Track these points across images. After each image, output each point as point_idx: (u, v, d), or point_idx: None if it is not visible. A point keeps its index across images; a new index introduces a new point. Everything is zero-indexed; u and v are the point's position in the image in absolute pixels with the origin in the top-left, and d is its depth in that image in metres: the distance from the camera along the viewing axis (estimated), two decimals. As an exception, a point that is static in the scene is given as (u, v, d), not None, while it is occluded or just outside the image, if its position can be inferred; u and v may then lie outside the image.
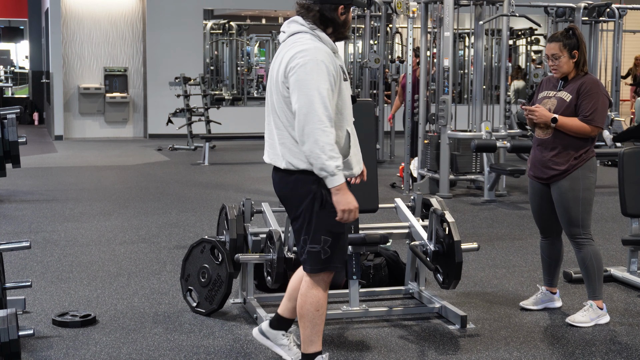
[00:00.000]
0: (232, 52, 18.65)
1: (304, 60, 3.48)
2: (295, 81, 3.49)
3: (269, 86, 3.70)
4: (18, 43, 23.33)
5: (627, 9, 13.16)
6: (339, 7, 3.61)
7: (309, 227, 3.62)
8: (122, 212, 8.27)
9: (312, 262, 3.64)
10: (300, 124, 3.47)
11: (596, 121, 4.60)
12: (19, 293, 4.99)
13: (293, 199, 3.65)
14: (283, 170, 3.64)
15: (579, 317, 4.69)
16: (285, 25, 3.68)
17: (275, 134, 3.65)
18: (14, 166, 4.56)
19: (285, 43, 3.65)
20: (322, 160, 3.45)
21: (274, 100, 3.63)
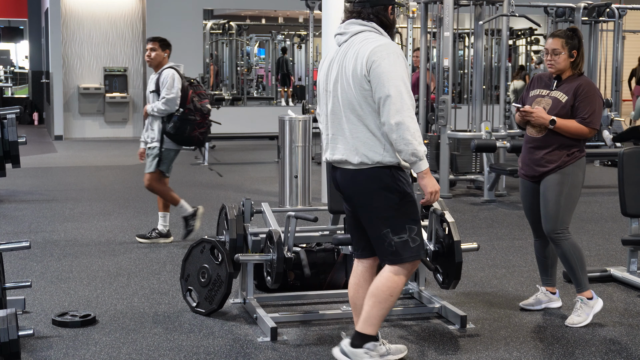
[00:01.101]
0: (232, 52, 18.65)
1: (386, 52, 3.66)
2: (380, 73, 3.63)
3: (335, 86, 3.79)
4: (18, 43, 23.34)
5: (627, 9, 13.16)
6: (389, 7, 3.82)
7: (389, 219, 3.74)
8: (122, 212, 8.27)
9: (405, 251, 3.77)
10: (391, 113, 3.61)
11: (594, 123, 4.65)
12: (19, 293, 4.99)
13: (368, 194, 3.75)
14: (356, 166, 3.74)
15: (576, 319, 4.69)
16: (343, 27, 3.83)
17: (347, 130, 3.75)
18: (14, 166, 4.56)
19: (349, 42, 3.78)
20: (414, 145, 3.63)
21: (351, 96, 3.72)
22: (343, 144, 3.78)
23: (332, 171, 3.91)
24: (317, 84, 3.98)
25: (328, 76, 3.84)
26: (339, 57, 3.81)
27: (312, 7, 12.59)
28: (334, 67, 3.81)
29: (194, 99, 6.59)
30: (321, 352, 4.22)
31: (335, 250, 5.35)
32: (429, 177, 3.75)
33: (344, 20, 3.87)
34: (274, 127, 9.04)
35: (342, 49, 3.81)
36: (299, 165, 8.32)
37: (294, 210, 4.83)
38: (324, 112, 3.90)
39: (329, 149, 3.87)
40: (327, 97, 3.85)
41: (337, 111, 3.79)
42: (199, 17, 16.92)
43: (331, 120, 3.83)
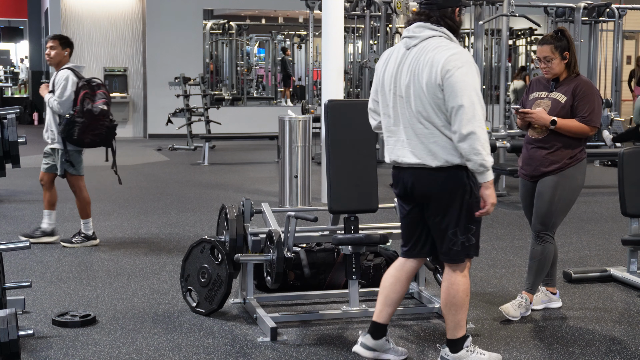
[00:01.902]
0: (232, 52, 18.65)
1: (461, 62, 3.71)
2: (454, 83, 3.68)
3: (408, 91, 3.81)
4: (18, 43, 23.34)
5: (627, 9, 13.16)
6: (456, 9, 3.88)
7: (459, 219, 3.83)
8: (122, 212, 8.27)
9: (468, 250, 3.88)
10: (463, 123, 3.66)
11: (594, 121, 4.67)
12: (19, 293, 4.99)
13: (444, 194, 3.82)
14: (434, 168, 3.79)
15: (512, 311, 4.77)
16: (412, 30, 3.85)
17: (422, 135, 3.79)
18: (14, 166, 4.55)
19: (421, 48, 3.81)
20: (482, 156, 3.68)
21: (426, 103, 3.75)
22: (418, 148, 3.81)
23: (398, 172, 3.95)
24: (378, 84, 3.98)
25: (397, 79, 3.85)
26: (410, 61, 3.82)
27: (312, 7, 12.59)
28: (404, 71, 3.83)
29: (85, 101, 6.50)
30: (321, 352, 4.22)
31: (335, 250, 5.35)
32: (492, 189, 3.82)
33: (411, 22, 3.90)
34: (274, 127, 9.04)
35: (413, 54, 3.82)
36: (299, 165, 8.32)
37: (294, 210, 4.83)
38: (389, 113, 3.92)
39: (396, 151, 3.90)
40: (397, 100, 3.87)
41: (411, 116, 3.82)
42: (199, 17, 16.92)
43: (403, 124, 3.86)
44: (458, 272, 3.92)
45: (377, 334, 4.04)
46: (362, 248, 4.68)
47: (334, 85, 8.61)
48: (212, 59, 18.17)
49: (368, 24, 13.32)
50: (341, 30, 8.70)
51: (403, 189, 3.95)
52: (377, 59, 12.31)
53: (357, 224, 4.76)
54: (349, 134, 4.76)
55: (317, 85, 15.44)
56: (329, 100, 4.92)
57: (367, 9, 13.25)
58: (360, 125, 4.79)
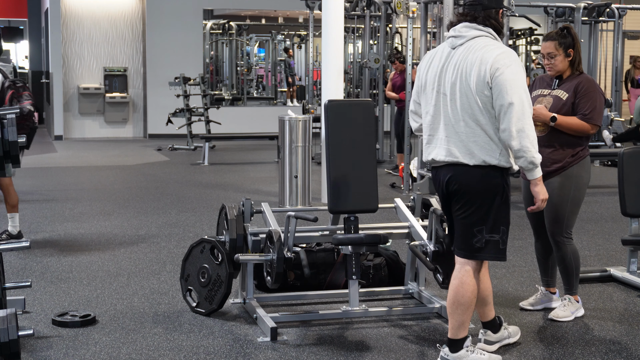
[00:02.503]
0: (232, 52, 18.65)
1: (509, 61, 3.78)
2: (503, 81, 3.74)
3: (453, 89, 3.85)
4: (18, 43, 23.34)
5: (627, 9, 13.16)
6: (500, 10, 3.96)
7: (487, 218, 3.86)
8: (122, 212, 8.27)
9: (491, 250, 3.90)
10: (513, 121, 3.72)
11: (595, 119, 4.63)
12: (19, 293, 4.99)
13: (476, 193, 3.86)
14: (469, 166, 3.83)
15: (561, 313, 4.75)
16: (458, 30, 3.92)
17: (463, 133, 3.83)
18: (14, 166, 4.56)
19: (467, 47, 3.87)
20: (532, 153, 3.76)
21: (471, 101, 3.80)
22: (456, 146, 3.85)
23: (435, 172, 4.00)
24: (421, 84, 4.03)
25: (441, 78, 3.90)
26: (455, 60, 3.87)
27: (312, 7, 12.59)
28: (450, 70, 3.87)
29: (13, 101, 6.42)
30: (321, 352, 4.22)
31: (335, 250, 5.35)
32: (542, 185, 3.90)
33: (455, 23, 3.96)
34: (274, 127, 9.04)
35: (459, 53, 3.88)
36: (299, 165, 8.32)
37: (294, 210, 4.83)
38: (430, 111, 3.96)
39: (436, 149, 3.93)
40: (440, 99, 3.91)
41: (454, 114, 3.86)
42: (199, 17, 16.92)
43: (445, 122, 3.89)
44: (470, 271, 3.93)
45: (494, 328, 4.23)
46: (362, 248, 4.68)
47: (334, 85, 8.61)
48: (212, 59, 18.17)
49: (368, 24, 13.32)
50: (341, 30, 8.70)
51: (439, 185, 4.00)
52: (378, 59, 12.38)
53: (357, 224, 4.76)
54: (349, 134, 4.76)
55: (317, 85, 15.44)
56: (329, 100, 4.91)
57: (367, 9, 13.25)
58: (360, 125, 4.80)
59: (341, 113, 4.81)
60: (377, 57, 12.43)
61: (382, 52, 13.01)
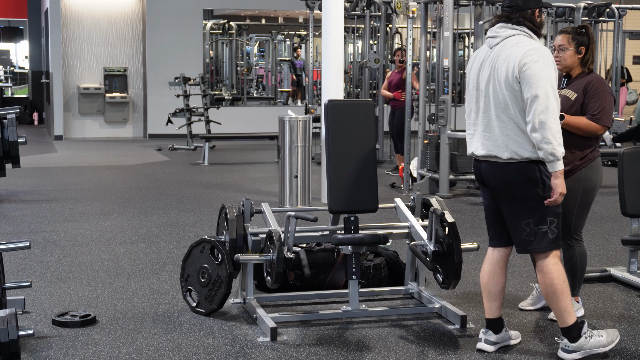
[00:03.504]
0: (232, 52, 18.65)
1: (537, 56, 3.92)
2: (530, 75, 3.90)
3: (487, 86, 4.05)
4: (18, 43, 23.33)
5: (627, 9, 13.16)
6: (536, 10, 4.09)
7: (533, 210, 4.01)
8: (122, 212, 8.27)
9: (542, 242, 4.05)
10: (536, 113, 3.86)
11: (604, 120, 4.58)
12: (19, 293, 4.99)
13: (515, 186, 4.01)
14: (504, 160, 4.00)
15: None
16: (495, 31, 4.09)
17: (497, 127, 4.01)
18: (14, 166, 4.56)
19: (502, 45, 4.04)
20: (553, 145, 3.87)
21: (502, 96, 3.98)
22: (492, 141, 4.03)
23: (477, 163, 4.18)
24: (467, 83, 4.22)
25: (479, 76, 4.10)
26: (490, 58, 4.07)
27: (312, 7, 12.59)
28: (486, 68, 4.07)
29: None
30: (321, 352, 4.22)
31: (335, 250, 5.35)
32: (562, 178, 3.96)
33: (494, 24, 4.14)
34: (274, 127, 9.04)
35: (495, 52, 4.06)
36: (299, 165, 8.32)
37: (294, 210, 4.82)
38: (474, 109, 4.15)
39: (474, 143, 4.14)
40: (479, 96, 4.11)
41: (488, 109, 4.05)
42: (199, 17, 16.92)
43: (482, 117, 4.08)
44: (548, 260, 4.06)
45: (496, 328, 4.25)
46: (362, 248, 4.68)
47: (334, 85, 8.61)
48: (212, 59, 18.17)
49: (368, 24, 13.32)
50: (341, 30, 8.70)
51: (480, 179, 4.20)
52: (378, 59, 12.38)
53: (357, 224, 4.76)
54: (349, 133, 4.76)
55: (317, 85, 15.44)
56: (329, 100, 4.91)
57: (367, 9, 13.24)
58: (360, 125, 4.80)
59: (341, 113, 4.81)
60: (377, 57, 12.43)
61: (382, 52, 13.00)
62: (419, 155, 9.92)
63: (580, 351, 4.09)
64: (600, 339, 4.13)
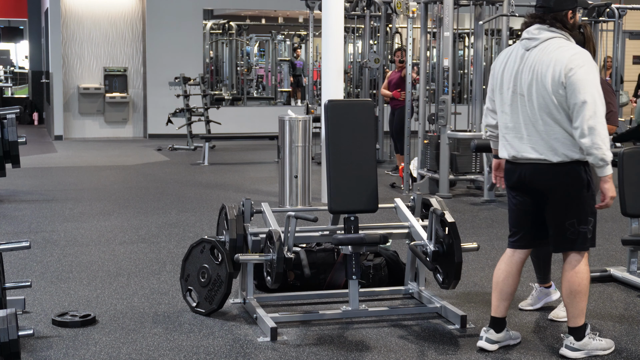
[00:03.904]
0: (232, 52, 18.65)
1: (582, 61, 3.96)
2: (576, 80, 3.92)
3: (530, 90, 4.04)
4: (18, 43, 23.34)
5: (627, 9, 13.15)
6: (568, 12, 4.09)
7: (578, 210, 4.07)
8: (122, 212, 8.27)
9: (582, 241, 4.11)
10: (585, 119, 3.89)
11: (612, 120, 4.68)
12: (19, 293, 4.99)
13: (564, 188, 4.05)
14: (554, 163, 4.02)
15: (561, 313, 4.79)
16: (532, 32, 4.08)
17: (544, 131, 4.02)
18: (14, 166, 4.57)
19: (541, 48, 4.04)
20: (602, 150, 3.91)
21: (549, 100, 3.99)
22: (539, 144, 4.04)
23: (514, 166, 4.15)
24: (496, 84, 4.20)
25: (517, 79, 4.08)
26: (531, 62, 4.05)
27: (312, 7, 12.59)
28: (526, 72, 4.05)
29: None
30: (321, 352, 4.22)
31: (335, 250, 5.35)
32: (611, 183, 4.03)
33: (528, 24, 4.13)
34: (274, 127, 9.04)
35: (534, 55, 4.05)
36: (299, 165, 8.32)
37: (294, 210, 4.83)
38: (506, 111, 4.13)
39: (517, 146, 4.10)
40: (518, 99, 4.08)
41: (533, 113, 4.04)
42: (199, 17, 16.91)
43: (523, 121, 4.07)
44: (580, 260, 4.11)
45: (499, 327, 4.27)
46: (362, 248, 4.68)
47: (334, 85, 8.61)
48: (212, 59, 18.17)
49: (368, 24, 13.32)
50: (341, 30, 8.69)
51: (519, 182, 4.15)
52: (378, 59, 12.38)
53: (357, 224, 4.76)
54: (349, 134, 4.76)
55: (317, 85, 15.44)
56: (329, 100, 4.91)
57: (367, 9, 13.24)
58: (360, 125, 4.80)
59: (341, 113, 4.82)
60: (377, 57, 12.43)
61: (382, 52, 13.00)
62: (419, 155, 9.92)
63: (583, 350, 4.14)
64: (601, 342, 4.20)
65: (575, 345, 4.14)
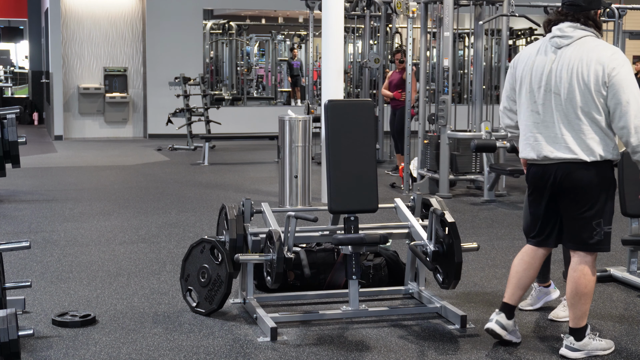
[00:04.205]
0: (232, 52, 18.65)
1: (621, 61, 3.98)
2: (620, 80, 3.94)
3: (570, 89, 4.00)
4: (18, 43, 23.34)
5: (627, 9, 13.15)
6: (598, 11, 4.11)
7: (604, 210, 4.09)
8: (122, 212, 8.27)
9: (606, 241, 4.13)
10: (630, 119, 3.91)
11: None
12: (19, 293, 4.99)
13: (594, 187, 4.06)
14: (588, 163, 4.02)
15: (561, 312, 4.80)
16: (564, 30, 4.05)
17: (579, 130, 4.01)
18: (14, 166, 4.57)
19: (576, 47, 4.02)
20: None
21: (588, 99, 3.97)
22: (574, 143, 4.02)
23: (542, 167, 4.12)
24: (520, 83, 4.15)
25: (551, 77, 4.03)
26: (567, 60, 4.02)
27: (312, 7, 12.60)
28: (562, 70, 4.02)
29: None
30: (321, 352, 4.22)
31: (335, 250, 5.35)
32: None
33: (554, 22, 4.11)
34: (274, 127, 9.04)
35: (569, 53, 4.03)
36: (299, 165, 8.32)
37: (294, 210, 4.83)
38: (537, 110, 4.09)
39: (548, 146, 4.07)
40: (552, 98, 4.05)
41: (569, 112, 4.02)
42: (199, 17, 16.92)
43: (558, 120, 4.04)
44: (590, 262, 4.13)
45: (510, 314, 4.30)
46: (362, 248, 4.68)
47: (334, 85, 8.61)
48: (212, 59, 18.17)
49: (368, 24, 13.32)
50: (341, 30, 8.70)
51: (547, 182, 4.13)
52: (378, 59, 12.38)
53: (357, 224, 4.76)
54: (349, 133, 4.76)
55: (317, 85, 15.44)
56: (329, 100, 4.91)
57: (367, 9, 13.24)
58: (360, 125, 4.80)
59: (341, 113, 4.81)
60: (377, 57, 12.43)
61: (382, 52, 13.00)
62: (419, 155, 9.92)
63: (583, 351, 4.15)
64: (601, 342, 4.22)
65: (575, 346, 4.15)
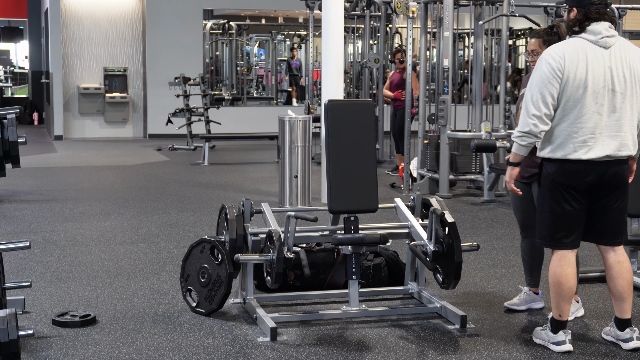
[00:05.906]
0: (232, 52, 18.65)
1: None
2: None
3: (632, 86, 4.08)
4: (18, 43, 23.34)
5: (627, 9, 13.15)
6: None
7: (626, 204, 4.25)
8: (122, 212, 8.27)
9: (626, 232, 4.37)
10: None
11: None
12: (19, 293, 4.99)
13: (627, 181, 4.21)
14: (629, 158, 4.19)
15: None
16: (610, 31, 4.10)
17: (633, 127, 4.13)
18: (14, 166, 4.57)
19: (620, 46, 4.11)
20: None
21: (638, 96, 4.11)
22: (630, 140, 4.13)
23: (594, 165, 4.09)
24: (577, 86, 4.04)
25: (613, 77, 4.04)
26: (620, 59, 4.08)
27: (312, 7, 12.59)
28: (621, 69, 4.07)
29: None
30: (321, 352, 4.22)
31: (335, 250, 5.35)
32: None
33: (593, 20, 4.13)
34: (274, 127, 9.04)
35: (619, 52, 4.09)
36: (299, 165, 8.32)
37: (294, 210, 4.83)
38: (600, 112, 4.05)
39: (614, 144, 4.08)
40: (615, 97, 4.07)
41: (628, 110, 4.11)
42: (199, 17, 16.91)
43: (623, 119, 4.09)
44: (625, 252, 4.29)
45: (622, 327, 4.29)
46: (362, 248, 4.68)
47: (334, 85, 8.61)
48: (212, 59, 18.17)
49: (368, 24, 13.32)
50: (341, 30, 8.70)
51: (589, 179, 4.09)
52: (377, 59, 12.37)
53: (357, 224, 4.76)
54: (349, 134, 4.76)
55: (317, 85, 15.45)
56: (329, 100, 4.91)
57: (367, 9, 13.25)
58: (360, 125, 4.80)
59: (341, 113, 4.81)
60: (377, 57, 12.43)
61: (382, 52, 13.00)
62: (419, 155, 9.92)
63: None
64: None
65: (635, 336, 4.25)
